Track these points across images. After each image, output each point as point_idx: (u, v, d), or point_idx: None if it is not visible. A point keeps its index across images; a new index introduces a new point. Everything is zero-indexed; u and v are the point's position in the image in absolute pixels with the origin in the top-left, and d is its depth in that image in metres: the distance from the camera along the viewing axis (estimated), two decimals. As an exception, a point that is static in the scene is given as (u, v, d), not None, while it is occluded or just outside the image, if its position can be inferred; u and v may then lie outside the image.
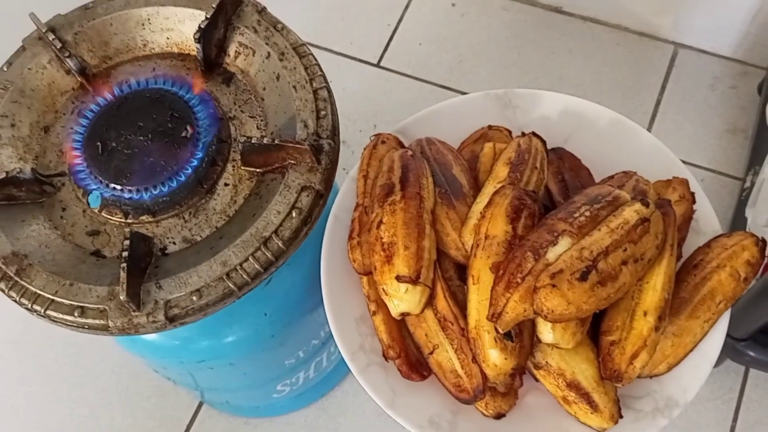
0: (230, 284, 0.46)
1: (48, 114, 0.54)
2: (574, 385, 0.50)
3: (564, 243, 0.49)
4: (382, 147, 0.60)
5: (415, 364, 0.54)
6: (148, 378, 0.85)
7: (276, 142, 0.48)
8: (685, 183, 0.57)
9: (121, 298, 0.44)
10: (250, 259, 0.46)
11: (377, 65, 1.01)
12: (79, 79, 0.54)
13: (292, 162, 0.49)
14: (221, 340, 0.60)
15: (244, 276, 0.46)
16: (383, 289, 0.53)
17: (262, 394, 0.72)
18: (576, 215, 0.50)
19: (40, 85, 0.54)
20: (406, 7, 1.05)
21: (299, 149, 0.47)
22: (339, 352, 0.76)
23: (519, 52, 1.01)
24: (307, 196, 0.48)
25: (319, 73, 0.52)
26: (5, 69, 0.54)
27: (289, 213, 0.48)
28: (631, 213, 0.50)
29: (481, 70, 0.99)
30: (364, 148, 0.61)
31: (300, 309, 0.62)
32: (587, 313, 0.49)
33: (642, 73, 0.98)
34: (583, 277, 0.47)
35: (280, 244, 0.47)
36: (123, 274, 0.44)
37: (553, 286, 0.46)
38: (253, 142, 0.48)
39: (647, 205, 0.51)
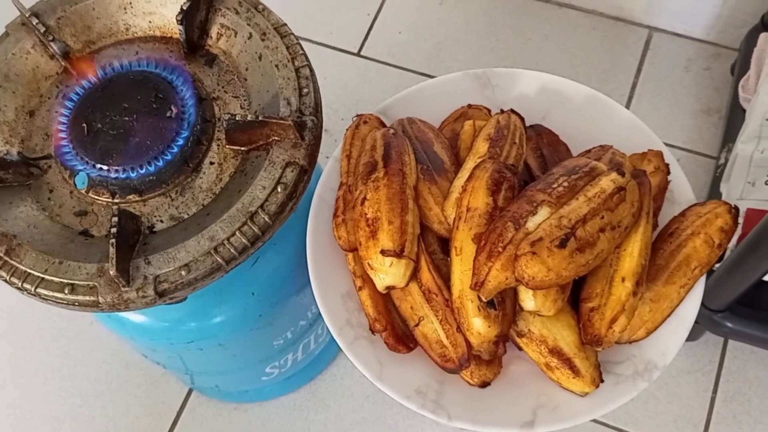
0: (218, 258, 0.47)
1: (33, 98, 0.55)
2: (556, 351, 0.52)
3: (543, 212, 0.50)
4: (365, 127, 0.61)
5: (401, 336, 0.55)
6: (138, 367, 0.86)
7: (260, 118, 0.48)
8: (659, 155, 0.59)
9: (111, 273, 0.45)
10: (237, 233, 0.47)
11: (357, 54, 1.02)
12: (63, 63, 0.55)
13: (276, 139, 0.50)
14: (210, 320, 0.60)
15: (232, 250, 0.47)
16: (368, 264, 0.54)
17: (251, 377, 0.73)
18: (554, 186, 0.52)
19: (24, 70, 0.55)
20: (386, -4, 1.06)
21: (283, 125, 0.48)
22: (327, 334, 0.78)
23: (497, 38, 1.03)
24: (292, 171, 0.49)
25: (301, 52, 0.53)
26: (-11, 54, 0.54)
27: (275, 188, 0.48)
28: (607, 182, 0.51)
29: (459, 57, 1.01)
30: (347, 129, 0.62)
31: (287, 289, 0.63)
32: (567, 280, 0.50)
33: (617, 56, 1.00)
34: (562, 245, 0.48)
35: (266, 219, 0.48)
36: (112, 250, 0.45)
37: (534, 253, 0.48)
38: (237, 119, 0.49)
39: (623, 175, 0.52)
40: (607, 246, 0.51)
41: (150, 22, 0.56)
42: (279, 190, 0.49)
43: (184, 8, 0.53)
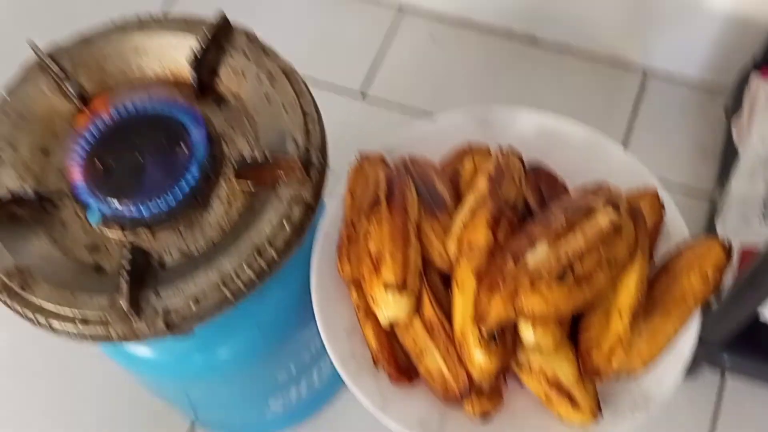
0: (226, 292, 0.49)
1: (48, 137, 0.57)
2: (555, 384, 0.53)
3: (541, 248, 0.52)
4: (368, 165, 0.63)
5: (403, 369, 0.56)
6: (142, 403, 0.86)
7: (267, 157, 0.50)
8: (654, 192, 0.61)
9: (122, 305, 0.46)
10: (244, 267, 0.49)
11: (361, 95, 1.05)
12: (77, 103, 0.57)
13: (283, 176, 0.51)
14: (216, 354, 0.62)
15: (240, 284, 0.49)
16: (372, 298, 0.55)
17: (255, 410, 0.74)
18: (552, 222, 0.53)
19: (40, 110, 0.57)
20: (386, 40, 1.09)
21: (290, 163, 0.50)
22: (330, 369, 0.78)
23: (495, 81, 1.05)
24: (298, 208, 0.51)
25: (307, 93, 0.55)
26: (6, 95, 0.57)
27: (281, 224, 0.50)
28: (603, 219, 0.53)
29: (459, 99, 1.03)
30: (350, 167, 0.64)
31: (292, 323, 0.64)
32: (566, 314, 0.51)
33: (613, 98, 1.02)
34: (561, 279, 0.50)
35: (273, 254, 0.50)
36: (124, 284, 0.46)
37: (533, 287, 0.49)
38: (245, 157, 0.51)
39: (619, 211, 0.54)
40: (605, 281, 0.52)
41: (162, 64, 0.59)
42: (286, 225, 0.50)
43: (196, 52, 0.55)
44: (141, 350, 0.62)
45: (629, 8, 0.98)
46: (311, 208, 0.52)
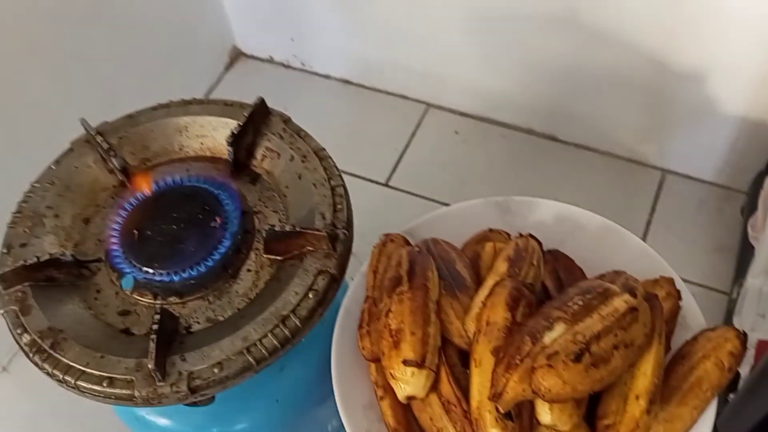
0: (250, 358, 0.50)
1: (89, 207, 0.60)
2: (571, 467, 0.53)
3: (559, 328, 0.53)
4: (391, 245, 0.66)
5: (419, 447, 0.57)
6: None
7: (297, 229, 0.53)
8: (671, 281, 0.62)
9: (149, 366, 0.48)
10: (269, 335, 0.50)
11: (386, 185, 1.09)
12: (120, 177, 0.61)
13: (310, 249, 0.54)
14: (234, 426, 0.62)
15: (263, 351, 0.50)
16: (391, 373, 0.56)
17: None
18: (569, 304, 0.55)
19: (85, 182, 0.60)
20: (413, 134, 1.14)
21: (317, 236, 0.52)
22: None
23: (516, 175, 1.09)
24: (323, 279, 0.53)
25: (337, 173, 0.58)
26: (53, 167, 0.60)
27: (306, 294, 0.52)
28: (620, 302, 0.54)
29: (481, 190, 1.06)
30: (374, 246, 0.66)
31: (310, 398, 0.65)
32: (582, 394, 0.52)
33: (632, 195, 1.05)
34: (578, 359, 0.51)
35: (297, 323, 0.51)
36: (152, 345, 0.48)
37: (550, 366, 0.50)
38: (276, 229, 0.53)
39: (635, 296, 0.55)
40: (621, 363, 0.53)
41: (202, 143, 0.63)
42: (310, 296, 0.52)
43: (234, 132, 0.59)
44: (160, 419, 0.63)
45: (645, 112, 1.02)
46: (336, 280, 0.54)
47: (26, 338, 0.52)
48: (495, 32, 1.02)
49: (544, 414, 0.52)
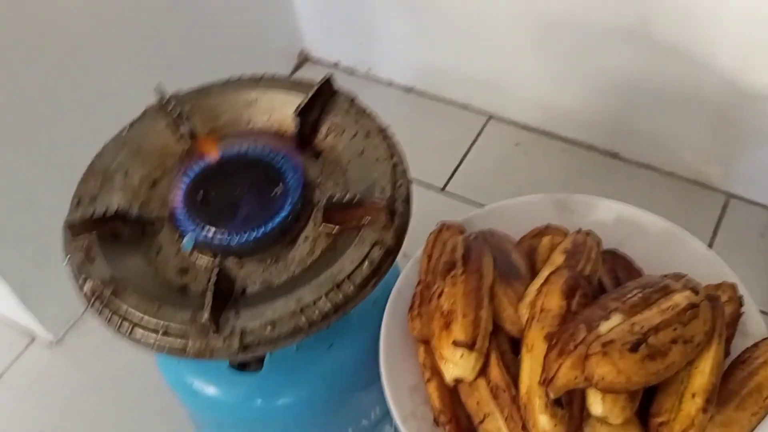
0: (303, 319, 0.50)
1: (157, 170, 0.62)
2: (621, 462, 0.51)
3: (616, 318, 0.52)
4: (446, 232, 0.65)
5: (464, 430, 0.56)
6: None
7: (357, 199, 0.53)
8: (733, 287, 0.60)
9: (205, 316, 0.48)
10: (323, 298, 0.51)
11: (442, 190, 1.09)
12: (188, 144, 0.62)
13: (368, 220, 0.54)
14: (278, 399, 0.62)
15: (316, 313, 0.50)
16: (440, 354, 0.56)
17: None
18: (628, 296, 0.54)
19: (154, 146, 0.62)
20: (473, 142, 1.14)
21: (376, 207, 0.53)
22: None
23: (575, 191, 1.07)
24: (379, 249, 0.53)
25: (399, 151, 0.58)
26: (127, 129, 0.62)
27: (362, 263, 0.52)
28: (681, 298, 0.53)
29: (539, 203, 1.05)
30: (430, 234, 0.66)
31: (356, 379, 0.64)
32: (637, 386, 0.50)
33: (694, 217, 1.02)
34: (634, 349, 0.49)
35: (351, 289, 0.51)
36: (209, 296, 0.49)
37: (605, 354, 0.49)
38: (335, 199, 0.54)
39: (697, 293, 0.54)
40: (679, 358, 0.51)
41: (269, 118, 0.64)
42: (365, 265, 0.52)
43: (302, 105, 0.60)
44: (206, 388, 0.63)
45: (712, 132, 1.00)
46: (391, 253, 0.54)
47: (88, 285, 0.53)
48: (562, 44, 1.02)
49: (596, 404, 0.51)
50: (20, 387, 0.95)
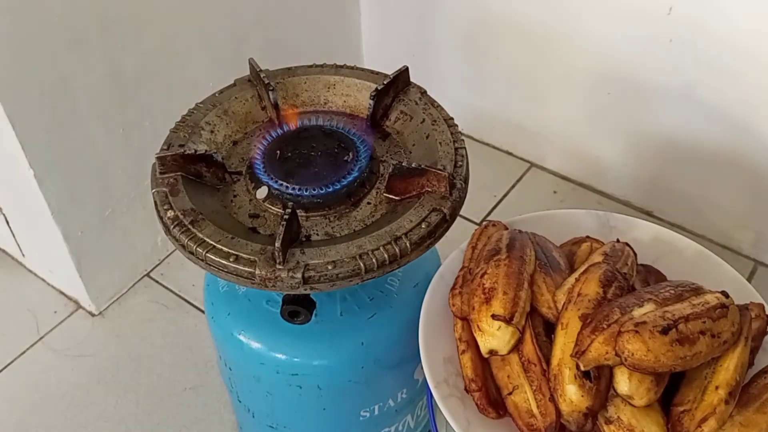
0: (361, 263, 0.55)
1: (239, 132, 0.68)
2: (642, 444, 0.54)
3: (649, 306, 0.56)
4: (492, 228, 0.70)
5: (492, 401, 0.59)
6: None
7: (421, 167, 0.58)
8: (761, 306, 0.63)
9: (276, 245, 0.53)
10: (381, 248, 0.55)
11: (479, 225, 1.13)
12: (271, 113, 0.68)
13: (428, 190, 0.59)
14: (316, 359, 0.66)
15: (373, 260, 0.55)
16: (477, 326, 0.59)
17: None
18: (661, 290, 0.57)
19: (240, 111, 0.68)
20: (513, 186, 1.20)
21: (438, 176, 0.58)
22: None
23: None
24: (436, 215, 0.58)
25: (462, 138, 0.64)
26: (217, 94, 0.69)
27: (419, 224, 0.57)
28: (711, 297, 0.57)
29: (572, 246, 1.10)
30: (476, 229, 0.70)
31: (392, 351, 0.68)
32: (663, 367, 0.53)
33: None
34: (664, 331, 0.53)
35: (407, 244, 0.56)
36: (281, 228, 0.54)
37: (636, 332, 0.53)
38: (402, 165, 0.59)
39: (726, 296, 0.57)
40: (705, 350, 0.54)
41: (345, 101, 0.70)
42: (423, 226, 0.57)
43: (379, 88, 0.66)
44: (253, 342, 0.67)
45: (747, 197, 1.05)
46: (446, 221, 0.58)
47: (170, 214, 0.58)
48: (610, 100, 1.08)
49: (623, 382, 0.54)
50: (59, 349, 0.99)
